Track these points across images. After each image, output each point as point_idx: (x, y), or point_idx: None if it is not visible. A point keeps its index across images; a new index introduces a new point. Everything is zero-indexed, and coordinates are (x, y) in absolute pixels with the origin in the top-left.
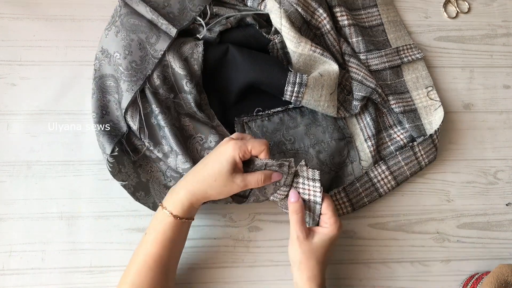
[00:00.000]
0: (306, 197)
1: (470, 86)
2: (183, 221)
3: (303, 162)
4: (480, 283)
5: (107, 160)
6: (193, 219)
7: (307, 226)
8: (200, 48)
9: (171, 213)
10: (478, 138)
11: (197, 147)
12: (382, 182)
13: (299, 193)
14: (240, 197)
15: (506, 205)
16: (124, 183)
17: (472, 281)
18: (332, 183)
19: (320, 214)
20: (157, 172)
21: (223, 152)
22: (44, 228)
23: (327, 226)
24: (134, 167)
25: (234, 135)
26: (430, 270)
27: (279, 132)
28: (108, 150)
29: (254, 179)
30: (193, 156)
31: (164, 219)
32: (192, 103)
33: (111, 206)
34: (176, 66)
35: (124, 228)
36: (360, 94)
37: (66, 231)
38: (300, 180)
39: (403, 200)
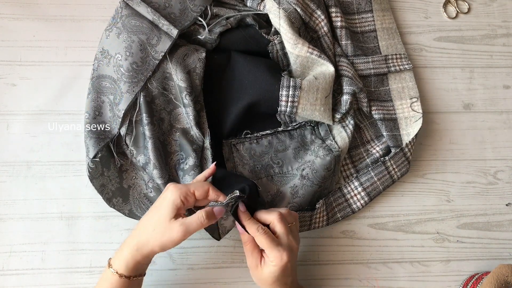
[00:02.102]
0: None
1: (470, 86)
2: (131, 280)
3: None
4: (480, 283)
5: (88, 164)
6: (144, 275)
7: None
8: (202, 63)
9: (117, 272)
10: (478, 138)
11: (176, 165)
12: (355, 198)
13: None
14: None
15: (506, 205)
16: (100, 189)
17: (472, 281)
18: (313, 198)
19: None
20: (140, 180)
21: (164, 198)
22: (44, 228)
23: (270, 260)
24: (119, 172)
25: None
26: (430, 270)
27: (267, 155)
28: (91, 154)
29: (194, 220)
30: (171, 173)
31: (109, 278)
32: (190, 117)
33: None
34: (178, 79)
35: (124, 228)
36: (352, 88)
37: (66, 231)
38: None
39: (403, 200)
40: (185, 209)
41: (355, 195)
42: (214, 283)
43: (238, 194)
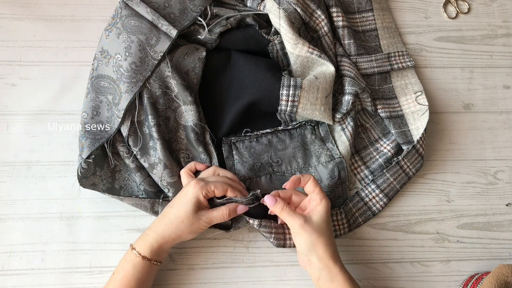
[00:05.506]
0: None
1: (470, 86)
2: (151, 263)
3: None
4: (480, 283)
5: (81, 163)
6: (161, 263)
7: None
8: (202, 63)
9: (140, 254)
10: (478, 138)
11: (181, 162)
12: (374, 201)
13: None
14: (224, 226)
15: (506, 205)
16: (90, 188)
17: (472, 281)
18: None
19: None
20: (132, 182)
21: (187, 193)
22: (44, 228)
23: (317, 201)
24: (113, 172)
25: (202, 173)
26: (430, 271)
27: (266, 153)
28: (85, 154)
29: (219, 215)
30: (177, 170)
31: (133, 259)
32: (195, 114)
33: (111, 206)
34: (180, 78)
35: (124, 229)
36: (354, 88)
37: (66, 231)
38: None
39: (403, 200)
40: (206, 202)
41: (374, 197)
42: (214, 283)
43: (258, 193)
